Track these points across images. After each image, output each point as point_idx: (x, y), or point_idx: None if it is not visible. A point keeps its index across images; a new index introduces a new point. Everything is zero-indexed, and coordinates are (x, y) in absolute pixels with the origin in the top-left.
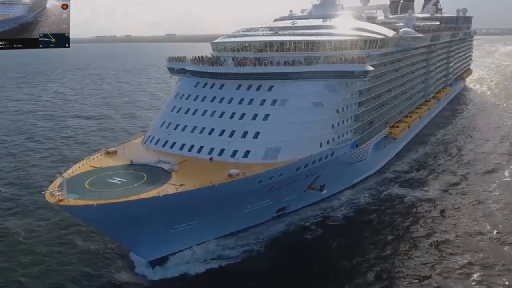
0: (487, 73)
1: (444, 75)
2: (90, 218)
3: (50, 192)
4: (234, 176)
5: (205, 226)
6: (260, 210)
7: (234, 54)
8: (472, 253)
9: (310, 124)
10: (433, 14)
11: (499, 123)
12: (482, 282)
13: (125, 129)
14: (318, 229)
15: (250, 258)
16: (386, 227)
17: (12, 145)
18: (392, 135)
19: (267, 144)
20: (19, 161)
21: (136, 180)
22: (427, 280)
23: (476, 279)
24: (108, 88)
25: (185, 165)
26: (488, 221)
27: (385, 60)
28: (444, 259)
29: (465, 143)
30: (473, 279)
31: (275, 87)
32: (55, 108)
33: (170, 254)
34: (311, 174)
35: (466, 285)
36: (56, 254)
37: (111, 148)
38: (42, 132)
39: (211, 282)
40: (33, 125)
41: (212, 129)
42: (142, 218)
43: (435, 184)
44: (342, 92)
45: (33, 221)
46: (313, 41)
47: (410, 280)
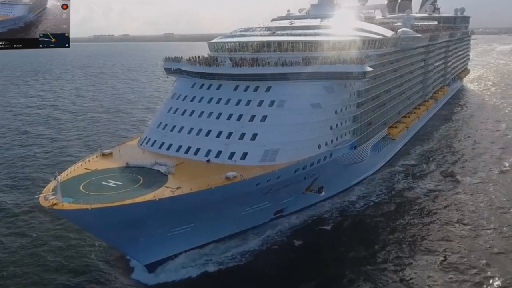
0: (484, 72)
1: (442, 75)
2: (85, 222)
3: (44, 196)
4: (231, 178)
5: (202, 229)
6: (258, 212)
7: (232, 54)
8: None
9: (308, 125)
10: (431, 13)
11: (498, 119)
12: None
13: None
14: (314, 233)
15: (248, 261)
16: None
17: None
18: (390, 135)
19: (265, 146)
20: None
21: (132, 183)
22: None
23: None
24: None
25: (182, 167)
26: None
27: (384, 60)
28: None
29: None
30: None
31: (273, 88)
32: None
33: (167, 258)
34: (310, 176)
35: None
36: (49, 259)
37: (107, 150)
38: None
39: (208, 286)
40: (40, 123)
41: (209, 131)
42: (138, 221)
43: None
44: (341, 93)
45: (25, 224)
46: (311, 42)
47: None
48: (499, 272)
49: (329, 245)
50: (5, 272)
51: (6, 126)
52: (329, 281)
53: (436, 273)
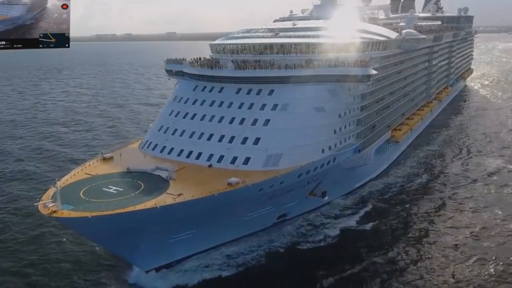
0: (487, 70)
1: (446, 76)
2: (85, 229)
3: (43, 203)
4: (233, 185)
5: (204, 235)
6: (260, 217)
7: (234, 56)
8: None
9: (312, 129)
10: (434, 13)
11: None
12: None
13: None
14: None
15: (250, 267)
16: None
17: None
18: (394, 138)
19: (267, 150)
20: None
21: (133, 189)
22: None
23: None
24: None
25: (184, 172)
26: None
27: (388, 62)
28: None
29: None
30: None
31: (276, 91)
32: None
33: (168, 264)
34: (313, 181)
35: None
36: (47, 263)
37: (108, 154)
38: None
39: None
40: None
41: (211, 135)
42: (139, 228)
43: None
44: (344, 96)
45: (21, 229)
46: (314, 44)
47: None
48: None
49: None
50: (4, 274)
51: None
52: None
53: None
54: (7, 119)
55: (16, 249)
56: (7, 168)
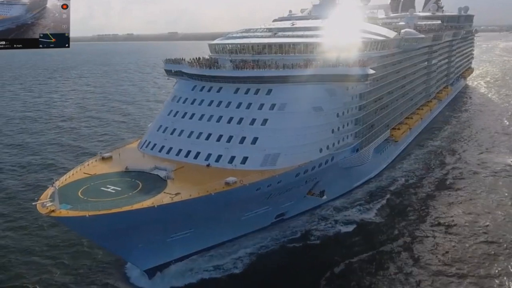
0: (488, 69)
1: (446, 75)
2: (83, 229)
3: (41, 202)
4: (231, 184)
5: (202, 234)
6: (258, 217)
7: (232, 56)
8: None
9: (310, 129)
10: (434, 12)
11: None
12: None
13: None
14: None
15: (249, 267)
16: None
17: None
18: (393, 137)
19: (265, 150)
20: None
21: (131, 188)
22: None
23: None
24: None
25: (182, 172)
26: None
27: (386, 62)
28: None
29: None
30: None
31: (274, 90)
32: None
33: (166, 263)
34: (311, 180)
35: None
36: (46, 263)
37: (106, 154)
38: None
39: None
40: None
41: (209, 134)
42: (137, 228)
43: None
44: (343, 96)
45: (21, 230)
46: (312, 43)
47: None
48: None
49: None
50: (3, 275)
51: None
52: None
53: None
54: (21, 116)
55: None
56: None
